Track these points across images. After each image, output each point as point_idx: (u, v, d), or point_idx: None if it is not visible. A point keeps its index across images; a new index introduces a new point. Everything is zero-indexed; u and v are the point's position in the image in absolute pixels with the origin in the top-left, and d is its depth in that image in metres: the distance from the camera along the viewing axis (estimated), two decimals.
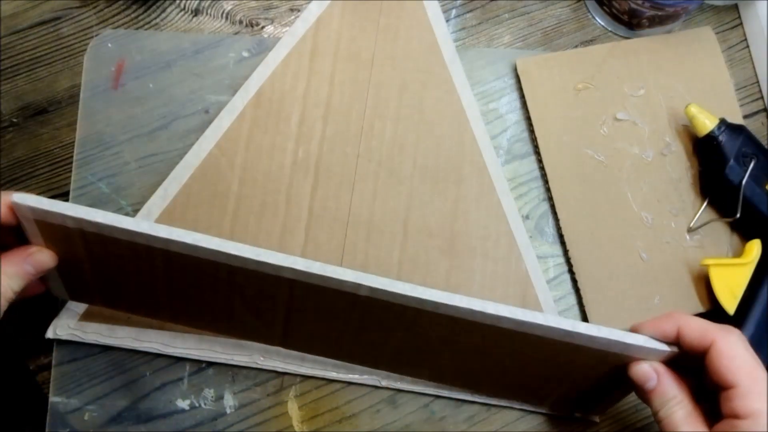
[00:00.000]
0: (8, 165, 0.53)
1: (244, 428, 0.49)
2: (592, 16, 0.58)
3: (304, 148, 0.52)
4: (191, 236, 0.38)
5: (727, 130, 0.51)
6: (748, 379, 0.36)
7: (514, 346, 0.42)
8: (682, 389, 0.39)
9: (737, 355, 0.37)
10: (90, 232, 0.39)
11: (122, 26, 0.56)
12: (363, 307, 0.41)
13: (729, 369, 0.37)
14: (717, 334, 0.37)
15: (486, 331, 0.40)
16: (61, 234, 0.39)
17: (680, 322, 0.39)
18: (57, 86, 0.55)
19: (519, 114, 0.56)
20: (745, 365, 0.37)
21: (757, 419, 0.35)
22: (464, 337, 0.42)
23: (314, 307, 0.42)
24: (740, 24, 0.58)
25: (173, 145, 0.53)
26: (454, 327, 0.40)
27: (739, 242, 0.53)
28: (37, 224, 0.39)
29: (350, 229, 0.51)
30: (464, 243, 0.51)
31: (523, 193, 0.54)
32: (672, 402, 0.39)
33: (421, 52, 0.54)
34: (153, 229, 0.38)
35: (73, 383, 0.49)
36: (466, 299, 0.39)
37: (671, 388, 0.39)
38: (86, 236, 0.39)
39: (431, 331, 0.42)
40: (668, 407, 0.39)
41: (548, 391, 0.47)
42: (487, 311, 0.39)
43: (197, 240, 0.38)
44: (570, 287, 0.52)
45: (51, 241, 0.41)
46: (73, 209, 0.38)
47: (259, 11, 0.57)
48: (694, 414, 0.38)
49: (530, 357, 0.43)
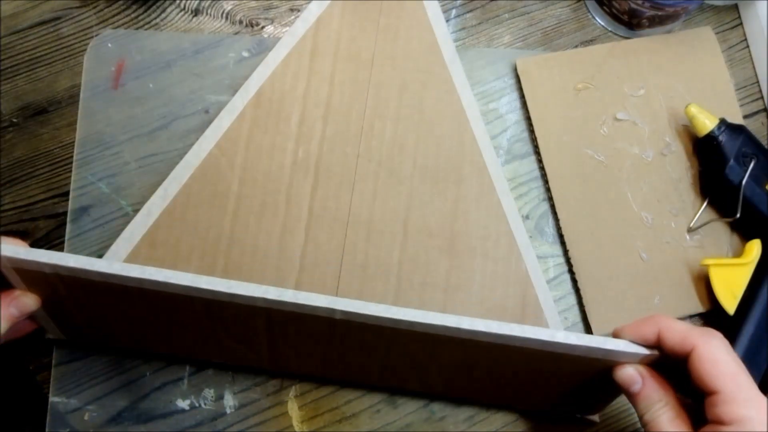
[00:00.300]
0: (8, 165, 0.53)
1: (244, 428, 0.49)
2: (592, 16, 0.58)
3: (304, 148, 0.52)
4: (162, 274, 0.39)
5: (727, 130, 0.51)
6: (731, 385, 0.36)
7: (498, 358, 0.42)
8: (667, 392, 0.39)
9: (719, 360, 0.36)
10: (66, 275, 0.40)
11: (122, 26, 0.56)
12: (342, 329, 0.41)
13: (711, 374, 0.36)
14: (698, 339, 0.37)
15: (467, 344, 0.40)
16: (41, 278, 0.40)
17: (661, 325, 0.38)
18: (57, 86, 0.55)
19: (519, 114, 0.56)
20: (728, 370, 0.36)
21: (740, 426, 0.35)
22: (447, 351, 0.42)
23: (295, 331, 0.43)
24: (740, 24, 0.58)
25: (173, 145, 0.54)
26: (434, 343, 0.41)
27: (739, 242, 0.53)
28: (16, 271, 0.40)
29: (350, 229, 0.51)
30: (464, 243, 0.51)
31: (523, 193, 0.54)
32: (657, 405, 0.38)
33: (421, 52, 0.54)
34: (125, 270, 0.39)
35: (73, 383, 0.49)
36: (440, 316, 0.39)
37: (655, 392, 0.39)
38: (64, 279, 0.40)
39: (413, 348, 0.42)
40: (653, 411, 0.38)
41: (541, 396, 0.47)
42: (462, 326, 0.39)
43: (169, 277, 0.39)
44: (570, 287, 0.52)
45: (33, 285, 0.42)
46: (47, 256, 0.39)
47: (259, 11, 0.57)
48: (679, 418, 0.38)
49: (516, 366, 0.43)
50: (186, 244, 0.50)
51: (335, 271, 0.50)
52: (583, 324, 0.52)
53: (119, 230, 0.50)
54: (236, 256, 0.50)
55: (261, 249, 0.50)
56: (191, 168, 0.51)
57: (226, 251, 0.50)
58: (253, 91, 0.53)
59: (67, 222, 0.52)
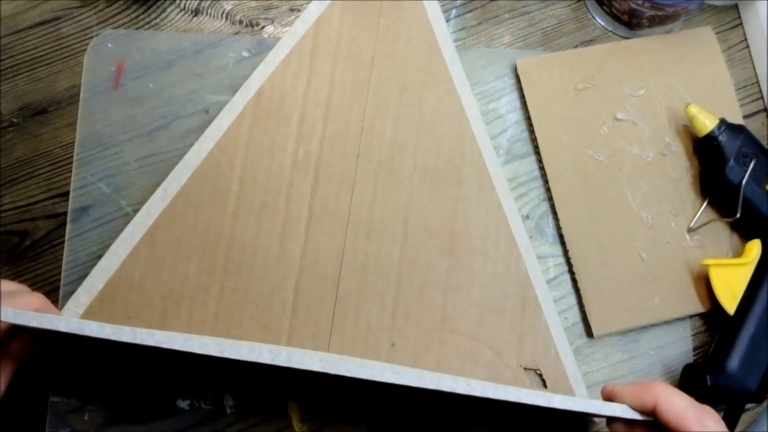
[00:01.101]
0: (8, 165, 0.53)
1: (244, 428, 0.49)
2: (592, 16, 0.58)
3: (304, 148, 0.52)
4: (154, 338, 0.39)
5: (727, 130, 0.51)
6: None
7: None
8: None
9: None
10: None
11: (122, 26, 0.56)
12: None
13: None
14: (694, 424, 0.38)
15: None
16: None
17: (660, 398, 0.39)
18: (57, 86, 0.55)
19: (519, 114, 0.55)
20: None
21: None
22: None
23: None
24: (740, 24, 0.58)
25: (173, 145, 0.53)
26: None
27: (739, 242, 0.53)
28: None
29: (350, 229, 0.51)
30: (464, 243, 0.51)
31: (523, 193, 0.54)
32: None
33: (421, 52, 0.54)
34: (115, 334, 0.39)
35: (73, 383, 0.49)
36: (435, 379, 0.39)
37: None
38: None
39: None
40: None
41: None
42: (458, 390, 0.39)
43: (160, 342, 0.39)
44: (570, 287, 0.52)
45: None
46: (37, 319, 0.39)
47: (259, 11, 0.57)
48: None
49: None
50: (186, 244, 0.50)
51: (335, 271, 0.50)
52: (583, 324, 0.52)
53: (119, 230, 0.50)
54: (236, 256, 0.50)
55: (261, 249, 0.50)
56: (191, 168, 0.51)
57: (226, 251, 0.50)
58: (253, 91, 0.53)
59: (67, 222, 0.52)
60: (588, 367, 0.51)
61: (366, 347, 0.49)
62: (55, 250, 0.52)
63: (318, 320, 0.49)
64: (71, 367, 0.49)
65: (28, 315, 0.39)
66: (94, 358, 0.49)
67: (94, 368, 0.50)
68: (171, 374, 0.50)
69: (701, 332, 0.53)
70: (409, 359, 0.49)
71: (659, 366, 0.51)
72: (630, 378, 0.51)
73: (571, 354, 0.50)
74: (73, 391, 0.49)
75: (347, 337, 0.49)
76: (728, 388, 0.48)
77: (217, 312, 0.49)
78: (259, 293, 0.50)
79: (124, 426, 0.49)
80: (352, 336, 0.49)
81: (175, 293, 0.49)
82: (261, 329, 0.49)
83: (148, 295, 0.49)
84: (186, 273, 0.50)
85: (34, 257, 0.52)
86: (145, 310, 0.49)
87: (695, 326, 0.53)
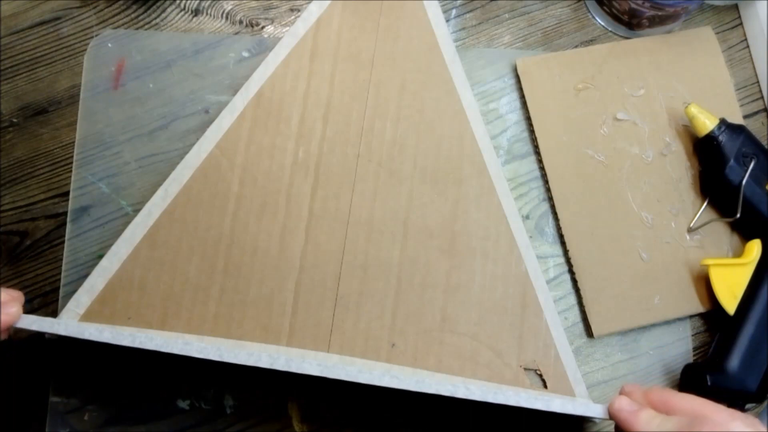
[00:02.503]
0: (8, 165, 0.53)
1: (244, 428, 0.49)
2: (592, 16, 0.58)
3: (304, 149, 0.52)
4: (153, 342, 0.40)
5: (727, 130, 0.51)
6: None
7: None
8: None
9: None
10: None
11: (122, 26, 0.56)
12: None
13: None
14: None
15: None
16: None
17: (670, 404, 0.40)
18: (57, 86, 0.55)
19: (519, 114, 0.55)
20: None
21: None
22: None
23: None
24: (740, 24, 0.58)
25: (173, 145, 0.53)
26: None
27: (739, 242, 0.53)
28: None
29: (350, 229, 0.51)
30: (464, 243, 0.51)
31: (523, 193, 0.54)
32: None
33: (421, 52, 0.54)
34: (115, 338, 0.40)
35: (73, 383, 0.49)
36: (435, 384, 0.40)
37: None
38: None
39: None
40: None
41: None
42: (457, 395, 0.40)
43: (159, 346, 0.40)
44: (570, 287, 0.52)
45: None
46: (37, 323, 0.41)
47: (259, 11, 0.57)
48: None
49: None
50: (186, 244, 0.50)
51: (335, 271, 0.50)
52: (583, 324, 0.52)
53: (119, 230, 0.50)
54: (236, 256, 0.50)
55: (261, 249, 0.50)
56: (191, 168, 0.51)
57: (226, 251, 0.50)
58: (253, 91, 0.53)
59: (67, 222, 0.52)
60: (588, 367, 0.51)
61: (366, 347, 0.49)
62: (55, 250, 0.52)
63: (318, 320, 0.49)
64: (71, 367, 0.50)
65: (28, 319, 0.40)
66: (94, 358, 0.50)
67: (94, 368, 0.50)
68: (171, 374, 0.50)
69: (701, 332, 0.53)
70: (409, 359, 0.49)
71: (659, 366, 0.51)
72: (630, 378, 0.51)
73: (571, 354, 0.50)
74: (73, 391, 0.49)
75: (347, 338, 0.49)
76: (728, 388, 0.48)
77: (217, 312, 0.49)
78: (259, 294, 0.50)
79: (124, 426, 0.49)
80: (352, 336, 0.49)
81: (176, 293, 0.49)
82: (261, 329, 0.49)
83: (148, 296, 0.49)
84: (186, 273, 0.50)
85: (34, 257, 0.52)
86: (146, 310, 0.49)
87: (695, 326, 0.53)
